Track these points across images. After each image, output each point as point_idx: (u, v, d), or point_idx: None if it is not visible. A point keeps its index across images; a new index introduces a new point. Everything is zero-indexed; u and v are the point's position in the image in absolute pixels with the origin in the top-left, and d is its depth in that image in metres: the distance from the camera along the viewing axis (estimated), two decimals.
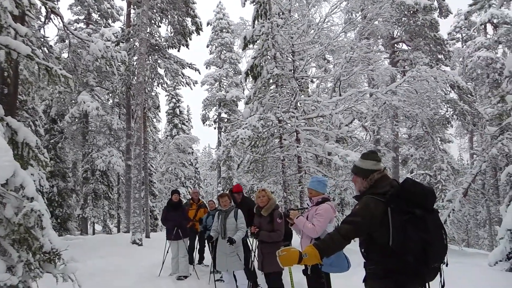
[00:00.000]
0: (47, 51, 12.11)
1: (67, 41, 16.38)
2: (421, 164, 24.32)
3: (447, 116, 17.98)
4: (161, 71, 19.67)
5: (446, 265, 3.14)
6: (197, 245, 10.87)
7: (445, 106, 17.17)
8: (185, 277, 9.05)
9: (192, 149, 35.64)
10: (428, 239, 2.93)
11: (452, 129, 31.28)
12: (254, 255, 6.82)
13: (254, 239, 6.55)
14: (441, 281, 3.13)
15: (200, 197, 11.24)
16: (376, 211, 3.07)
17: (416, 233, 2.92)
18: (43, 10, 11.88)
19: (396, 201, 3.03)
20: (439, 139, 21.75)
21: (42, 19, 12.54)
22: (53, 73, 4.10)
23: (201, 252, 11.08)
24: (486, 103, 21.40)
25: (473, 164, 20.33)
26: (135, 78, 16.60)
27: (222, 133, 33.13)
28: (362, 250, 3.28)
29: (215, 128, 35.26)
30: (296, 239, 6.29)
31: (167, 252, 9.52)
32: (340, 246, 3.20)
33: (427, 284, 3.11)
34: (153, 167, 29.36)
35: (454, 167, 22.68)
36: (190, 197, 11.17)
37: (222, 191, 9.39)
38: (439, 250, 3.03)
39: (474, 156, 24.68)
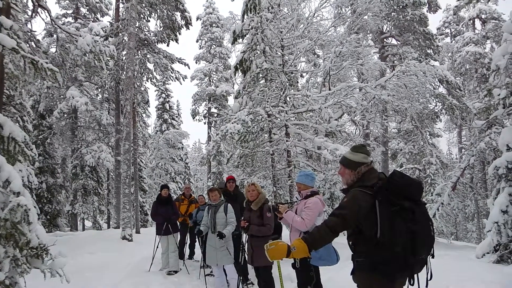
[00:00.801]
0: (34, 46, 11.99)
1: (54, 36, 16.21)
2: (410, 158, 24.48)
3: (436, 110, 18.10)
4: (150, 65, 19.56)
5: (433, 257, 3.17)
6: (187, 240, 10.86)
7: (434, 101, 17.27)
8: (175, 272, 9.04)
9: (182, 144, 35.56)
10: (416, 230, 2.96)
11: (441, 124, 31.47)
12: (244, 249, 6.82)
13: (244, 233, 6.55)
14: (428, 272, 3.17)
15: (191, 193, 11.23)
16: (363, 203, 3.08)
17: (404, 224, 2.95)
18: (30, 4, 11.75)
19: (384, 194, 3.05)
20: (428, 133, 21.90)
21: (29, 13, 12.39)
22: (39, 66, 4.05)
23: (192, 247, 11.07)
24: (475, 98, 21.60)
25: (462, 158, 20.49)
26: (124, 73, 16.49)
27: (212, 128, 33.10)
28: (350, 242, 3.30)
29: (205, 123, 35.19)
30: (285, 233, 6.31)
31: (157, 247, 9.50)
32: (328, 239, 3.21)
33: (415, 275, 3.14)
34: (143, 162, 29.24)
35: (443, 161, 22.84)
36: (182, 193, 11.16)
37: (212, 186, 9.40)
38: (427, 242, 3.06)
39: (463, 150, 24.84)
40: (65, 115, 20.70)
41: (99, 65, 17.54)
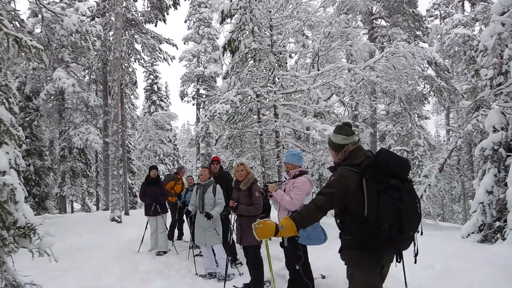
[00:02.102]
0: (18, 25, 11.74)
1: (39, 16, 15.88)
2: (398, 140, 24.64)
3: (424, 92, 18.17)
4: (138, 46, 19.34)
5: (421, 234, 3.21)
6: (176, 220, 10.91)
7: (422, 83, 17.33)
8: (164, 252, 9.09)
9: (171, 126, 35.40)
10: (403, 208, 2.97)
11: (429, 106, 31.65)
12: (233, 229, 6.86)
13: (232, 213, 6.58)
14: (414, 249, 3.20)
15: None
16: (350, 181, 3.10)
17: (390, 202, 2.96)
18: None
19: (371, 171, 3.06)
20: (416, 115, 22.01)
21: None
22: (23, 44, 3.97)
23: (180, 228, 11.12)
24: (463, 80, 21.67)
25: (449, 140, 20.71)
26: (112, 53, 16.28)
27: (200, 109, 32.92)
28: (338, 221, 3.32)
29: (193, 105, 35.03)
30: (274, 214, 6.35)
31: (146, 228, 9.53)
32: (316, 218, 3.23)
33: (402, 252, 3.18)
34: (131, 144, 29.10)
35: (431, 143, 23.04)
36: (176, 172, 11.19)
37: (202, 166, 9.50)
38: (413, 219, 3.09)
39: (450, 132, 25.08)
40: (52, 97, 20.41)
41: (86, 46, 17.28)
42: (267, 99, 9.88)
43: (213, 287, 6.72)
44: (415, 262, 3.22)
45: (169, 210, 10.27)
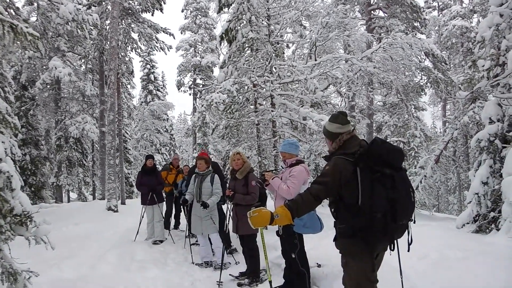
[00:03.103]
0: (13, 13, 11.66)
1: (35, 4, 15.77)
2: (395, 131, 24.70)
3: (421, 83, 18.17)
4: (134, 35, 19.26)
5: (414, 222, 3.25)
6: (173, 210, 10.92)
7: (420, 74, 17.32)
8: (161, 241, 9.10)
9: (167, 116, 35.36)
10: (396, 197, 3.01)
11: (426, 97, 31.69)
12: (229, 218, 6.89)
13: (229, 202, 6.60)
14: (408, 238, 3.26)
15: (179, 164, 11.25)
16: (345, 170, 3.12)
17: (384, 191, 3.00)
18: None
19: (365, 160, 3.09)
20: (413, 106, 22.04)
21: None
22: (18, 31, 3.94)
23: (177, 217, 11.14)
24: (460, 72, 21.66)
25: (445, 132, 20.74)
26: (108, 42, 16.20)
27: (197, 99, 32.89)
28: (332, 209, 3.35)
29: (190, 94, 34.94)
30: (270, 204, 6.37)
31: (142, 217, 9.54)
32: (311, 207, 3.25)
33: (395, 241, 3.21)
34: (127, 133, 29.04)
35: (427, 134, 23.10)
36: (170, 162, 11.17)
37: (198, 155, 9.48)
38: (407, 207, 3.13)
39: (447, 124, 25.11)
40: (48, 86, 20.28)
41: (82, 34, 17.19)
42: (264, 89, 9.87)
43: (209, 275, 6.74)
44: (408, 251, 3.28)
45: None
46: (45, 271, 5.13)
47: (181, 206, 10.23)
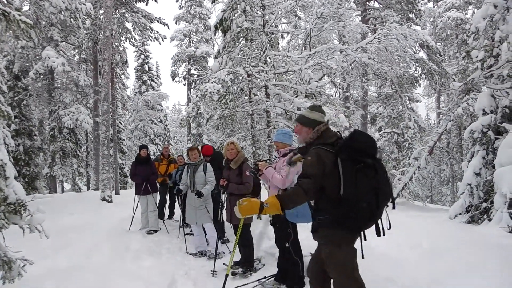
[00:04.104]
0: (5, 1, 11.53)
1: None
2: (389, 122, 24.73)
3: (416, 75, 18.21)
4: (128, 25, 19.15)
5: (394, 207, 3.46)
6: (167, 200, 10.93)
7: (414, 65, 17.36)
8: (155, 231, 9.12)
9: (162, 106, 35.28)
10: (379, 185, 3.12)
11: (420, 89, 31.77)
12: (223, 208, 6.91)
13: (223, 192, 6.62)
14: (387, 219, 3.34)
15: (170, 154, 11.23)
16: (327, 161, 3.18)
17: (368, 181, 3.08)
18: None
19: (347, 152, 3.15)
20: (407, 98, 22.08)
21: None
22: (11, 18, 3.91)
23: (171, 207, 11.15)
24: (454, 64, 21.75)
25: (439, 123, 20.83)
26: (102, 32, 16.09)
27: (191, 89, 32.77)
28: (313, 201, 3.41)
29: (184, 85, 34.79)
30: (264, 193, 6.39)
31: (137, 207, 9.54)
32: (301, 201, 3.27)
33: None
34: (122, 124, 28.96)
35: (421, 126, 23.18)
36: (161, 153, 11.16)
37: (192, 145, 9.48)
38: (387, 193, 3.24)
39: (441, 115, 25.23)
40: (41, 76, 20.11)
41: (76, 24, 17.05)
42: (259, 79, 9.85)
43: (203, 265, 6.76)
44: (384, 233, 3.32)
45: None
46: (40, 261, 5.14)
47: (176, 196, 10.25)
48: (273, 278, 5.45)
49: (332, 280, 3.48)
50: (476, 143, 8.91)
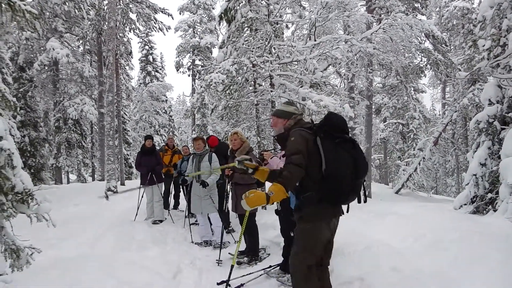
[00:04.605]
0: None
1: None
2: (394, 112, 24.69)
3: (421, 65, 18.10)
4: (133, 16, 19.09)
5: (365, 201, 3.60)
6: (172, 190, 10.98)
7: (420, 56, 17.25)
8: (160, 221, 9.18)
9: (166, 97, 35.28)
10: (358, 157, 3.39)
11: (426, 79, 31.59)
12: (228, 197, 6.94)
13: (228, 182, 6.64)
14: (364, 193, 3.59)
15: (175, 144, 11.26)
16: (308, 139, 3.40)
17: (347, 153, 3.36)
18: None
19: (325, 130, 3.41)
20: (412, 88, 21.99)
21: None
22: (16, 8, 3.91)
23: (176, 197, 11.21)
24: (460, 54, 21.57)
25: (445, 114, 20.75)
26: (106, 23, 16.06)
27: (196, 80, 32.71)
28: None
29: (189, 76, 34.70)
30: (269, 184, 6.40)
31: (142, 197, 9.59)
32: (298, 175, 3.37)
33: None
34: (126, 115, 29.00)
35: (426, 116, 23.10)
36: (166, 143, 11.19)
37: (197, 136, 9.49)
38: (364, 166, 3.47)
39: (446, 106, 25.09)
40: (46, 68, 20.14)
41: (80, 15, 17.06)
42: (263, 69, 9.82)
43: (208, 254, 6.81)
44: (359, 202, 3.57)
45: None
46: (46, 251, 5.17)
47: (181, 186, 10.28)
48: (278, 267, 5.47)
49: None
50: (482, 133, 8.86)
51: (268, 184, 3.47)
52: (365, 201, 3.60)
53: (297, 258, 3.55)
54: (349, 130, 3.68)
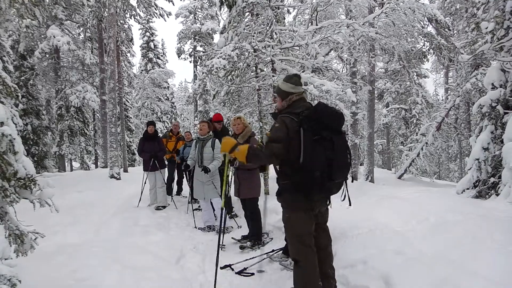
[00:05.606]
0: None
1: None
2: (396, 98, 24.61)
3: (424, 50, 17.96)
4: (133, 2, 18.93)
5: (351, 181, 3.60)
6: (175, 176, 11.01)
7: (422, 40, 17.11)
8: (164, 207, 9.22)
9: (168, 84, 35.24)
10: (334, 158, 3.35)
11: (428, 64, 31.45)
12: (230, 183, 6.96)
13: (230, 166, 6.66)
14: (346, 194, 3.66)
15: (179, 130, 11.26)
16: (290, 127, 3.40)
17: (323, 152, 3.32)
18: None
19: (308, 123, 3.35)
20: (415, 73, 21.87)
21: None
22: None
23: (179, 183, 11.24)
24: (463, 38, 21.39)
25: (447, 99, 20.65)
26: (106, 10, 15.94)
27: (197, 66, 32.60)
28: (277, 166, 3.65)
29: (190, 62, 34.59)
30: (271, 168, 6.41)
31: (145, 183, 9.62)
32: (265, 162, 3.63)
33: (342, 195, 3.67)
34: (128, 102, 29.01)
35: (429, 101, 23.02)
36: (170, 129, 11.20)
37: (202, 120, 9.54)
38: (342, 167, 3.48)
39: (449, 91, 24.95)
40: (47, 55, 20.08)
41: (80, 1, 16.96)
42: (265, 54, 9.77)
43: (211, 239, 6.85)
44: (350, 205, 3.72)
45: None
46: (50, 237, 5.22)
47: (183, 172, 10.32)
48: (281, 252, 5.51)
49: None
50: (485, 117, 8.82)
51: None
52: (349, 204, 3.68)
53: (292, 243, 3.73)
54: (341, 122, 3.58)
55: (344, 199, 3.66)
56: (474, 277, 3.56)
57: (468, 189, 9.03)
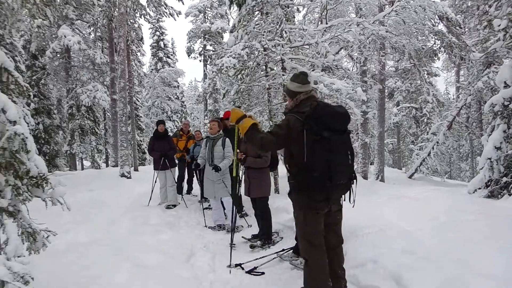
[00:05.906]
0: None
1: None
2: (407, 96, 24.47)
3: (435, 48, 17.83)
4: (143, 1, 19.11)
5: (352, 183, 3.61)
6: (185, 175, 11.04)
7: (433, 38, 16.98)
8: (174, 206, 9.25)
9: (178, 83, 35.37)
10: (333, 159, 3.32)
11: (439, 62, 31.17)
12: (241, 181, 6.97)
13: (241, 165, 6.66)
14: (351, 196, 3.63)
15: (189, 130, 11.30)
16: (294, 127, 3.40)
17: (323, 153, 3.31)
18: None
19: (309, 123, 3.36)
20: (425, 72, 21.71)
21: None
22: None
23: (190, 182, 11.27)
24: (475, 36, 21.21)
25: (459, 98, 20.48)
26: (117, 9, 16.02)
27: (207, 65, 32.66)
28: (286, 165, 3.66)
29: (200, 61, 34.72)
30: (282, 167, 6.41)
31: (155, 182, 9.66)
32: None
33: (345, 196, 3.65)
34: (139, 101, 29.14)
35: (440, 100, 22.85)
36: (180, 128, 11.24)
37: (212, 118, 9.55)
38: (342, 169, 3.45)
39: (460, 89, 24.74)
40: (58, 55, 20.29)
41: (90, 1, 17.05)
42: (275, 53, 9.75)
43: (222, 238, 6.86)
44: (353, 207, 3.64)
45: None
46: (61, 235, 5.25)
47: (194, 171, 10.34)
48: (291, 251, 5.49)
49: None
50: (497, 116, 8.73)
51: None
52: (353, 206, 3.63)
53: (301, 242, 3.73)
54: (345, 122, 3.54)
55: (349, 199, 3.63)
56: (484, 276, 3.54)
57: (480, 188, 8.95)
